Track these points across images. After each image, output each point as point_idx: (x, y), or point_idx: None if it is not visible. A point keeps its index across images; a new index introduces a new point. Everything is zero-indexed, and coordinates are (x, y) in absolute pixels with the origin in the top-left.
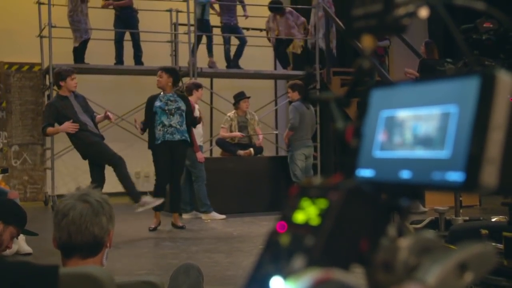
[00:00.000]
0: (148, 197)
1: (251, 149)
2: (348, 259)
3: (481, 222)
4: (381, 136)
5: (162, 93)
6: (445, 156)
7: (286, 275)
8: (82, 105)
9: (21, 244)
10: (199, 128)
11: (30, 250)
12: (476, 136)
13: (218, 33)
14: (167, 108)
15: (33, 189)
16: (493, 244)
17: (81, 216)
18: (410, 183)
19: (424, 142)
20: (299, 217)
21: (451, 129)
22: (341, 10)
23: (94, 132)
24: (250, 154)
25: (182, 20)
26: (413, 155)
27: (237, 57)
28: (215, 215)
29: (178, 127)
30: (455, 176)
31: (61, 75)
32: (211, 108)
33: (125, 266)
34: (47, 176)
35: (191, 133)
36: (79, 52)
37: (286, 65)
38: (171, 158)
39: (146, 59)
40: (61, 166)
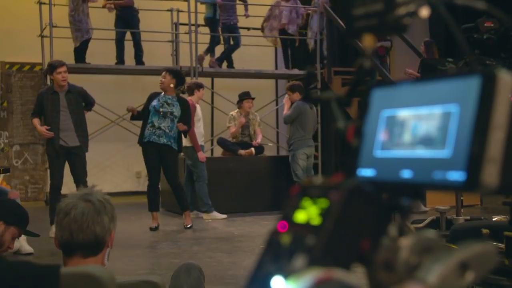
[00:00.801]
0: None
1: (252, 149)
2: (349, 258)
3: (482, 222)
4: (382, 136)
5: (163, 93)
6: (446, 155)
7: (287, 274)
8: (71, 103)
9: (23, 243)
10: (200, 128)
11: (31, 250)
12: (477, 135)
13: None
14: (161, 110)
15: (34, 189)
16: (494, 243)
17: (83, 215)
18: (411, 182)
19: (425, 141)
20: (300, 216)
21: (452, 128)
22: (340, 9)
23: (65, 139)
24: (251, 153)
25: (183, 19)
26: (414, 155)
27: (223, 57)
28: (216, 214)
29: (167, 131)
30: (456, 176)
31: (49, 69)
32: (212, 107)
33: (126, 265)
34: (48, 176)
35: (180, 139)
36: (80, 52)
37: (293, 66)
38: (159, 159)
39: (147, 59)
40: None
